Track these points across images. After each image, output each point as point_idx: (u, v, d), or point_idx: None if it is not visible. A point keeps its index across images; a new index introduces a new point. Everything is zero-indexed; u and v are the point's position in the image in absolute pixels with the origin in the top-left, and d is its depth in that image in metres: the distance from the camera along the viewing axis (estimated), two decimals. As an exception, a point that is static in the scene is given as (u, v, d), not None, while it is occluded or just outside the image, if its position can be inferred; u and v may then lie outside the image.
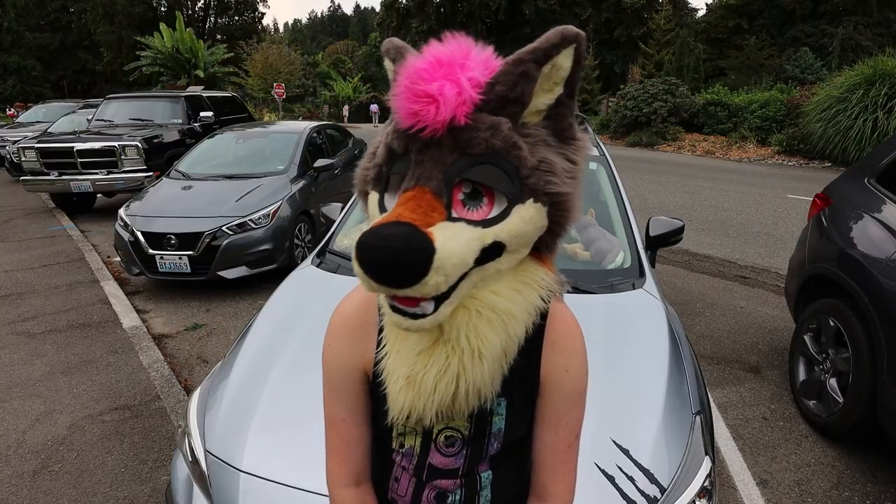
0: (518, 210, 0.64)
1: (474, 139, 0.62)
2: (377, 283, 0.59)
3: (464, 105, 0.61)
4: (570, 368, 0.78)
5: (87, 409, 3.10)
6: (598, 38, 28.45)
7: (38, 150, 7.62)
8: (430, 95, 0.60)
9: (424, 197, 0.62)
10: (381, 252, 0.57)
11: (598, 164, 3.05)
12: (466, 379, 0.69)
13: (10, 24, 33.40)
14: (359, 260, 0.59)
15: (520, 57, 0.64)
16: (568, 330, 0.78)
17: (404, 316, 0.64)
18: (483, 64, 0.64)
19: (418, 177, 0.63)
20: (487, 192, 0.64)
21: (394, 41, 0.74)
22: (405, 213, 0.60)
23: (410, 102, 0.62)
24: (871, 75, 12.20)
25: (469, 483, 0.80)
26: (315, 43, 71.78)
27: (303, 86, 33.75)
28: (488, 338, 0.68)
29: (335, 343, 0.83)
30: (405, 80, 0.62)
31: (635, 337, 1.89)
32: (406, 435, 0.80)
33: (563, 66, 0.65)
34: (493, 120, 0.63)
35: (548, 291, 0.73)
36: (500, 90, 0.64)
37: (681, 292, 4.77)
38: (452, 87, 0.61)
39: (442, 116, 0.60)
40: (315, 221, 5.56)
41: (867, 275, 2.58)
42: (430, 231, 0.59)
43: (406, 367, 0.71)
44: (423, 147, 0.63)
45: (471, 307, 0.68)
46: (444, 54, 0.63)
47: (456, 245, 0.60)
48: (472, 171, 0.63)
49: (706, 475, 1.45)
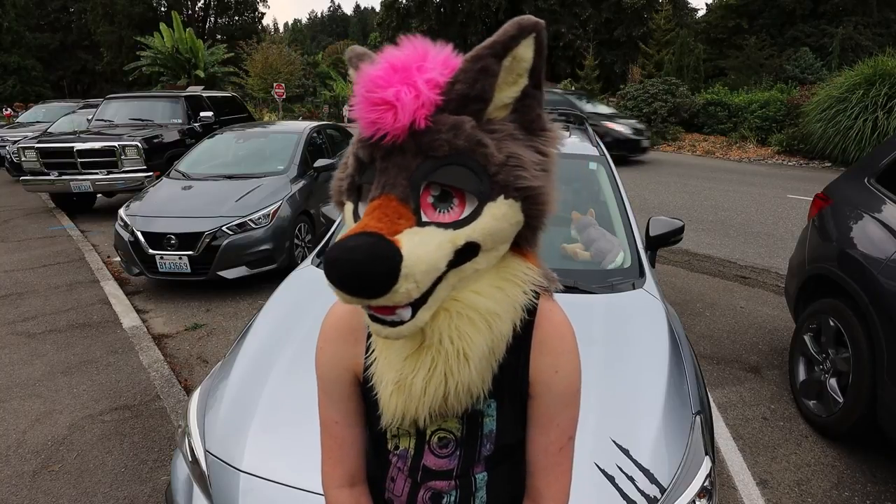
0: (490, 208, 0.64)
1: (436, 141, 0.61)
2: (348, 294, 0.59)
3: (423, 108, 0.60)
4: (560, 369, 0.76)
5: (87, 409, 3.10)
6: (598, 38, 28.43)
7: (38, 150, 7.62)
8: (387, 102, 0.60)
9: (390, 205, 0.61)
10: (346, 264, 0.57)
11: (598, 164, 3.05)
12: (455, 380, 0.68)
13: (10, 24, 33.38)
14: (326, 273, 0.58)
15: (478, 53, 0.63)
16: (556, 329, 0.77)
17: (383, 324, 0.64)
18: (441, 64, 0.63)
19: (383, 185, 0.63)
20: (458, 194, 0.63)
21: (356, 49, 0.73)
22: (371, 223, 0.59)
23: (368, 111, 0.61)
24: (871, 75, 12.19)
25: (464, 484, 0.80)
26: (315, 43, 71.77)
27: (303, 86, 33.71)
28: (472, 338, 0.67)
29: (326, 347, 0.83)
30: (361, 88, 0.62)
31: (635, 337, 1.89)
32: (400, 437, 0.80)
33: (525, 58, 0.64)
34: (454, 120, 0.62)
35: (532, 286, 0.73)
36: (460, 89, 0.63)
37: (681, 292, 4.77)
38: (409, 91, 0.60)
39: (400, 122, 0.60)
40: (315, 221, 5.56)
41: (867, 275, 2.58)
42: (397, 238, 0.58)
43: (394, 372, 0.71)
44: (386, 154, 0.63)
45: (451, 309, 0.67)
46: (398, 59, 0.62)
47: (424, 250, 0.59)
48: (437, 173, 0.62)
49: (706, 475, 1.45)
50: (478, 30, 29.12)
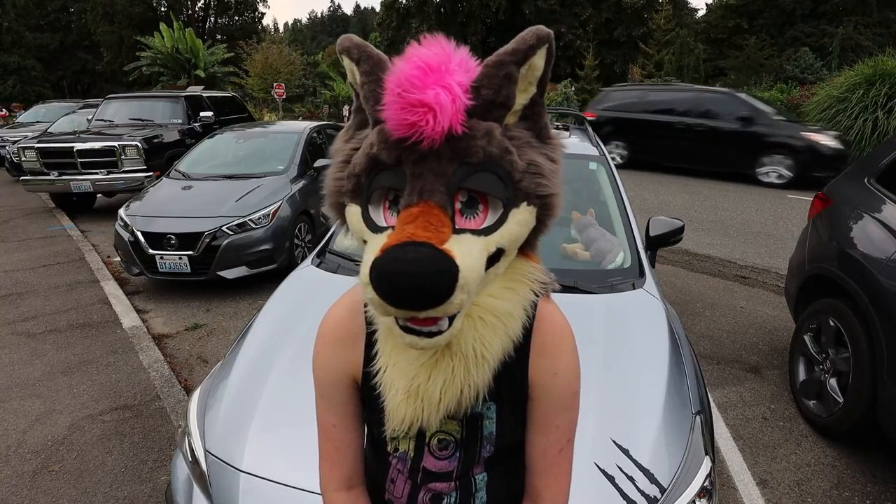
0: (514, 214, 0.64)
1: (472, 147, 0.61)
2: (397, 308, 0.58)
3: (458, 112, 0.59)
4: (559, 372, 0.76)
5: (87, 409, 3.10)
6: (598, 38, 28.42)
7: (38, 150, 7.62)
8: (426, 104, 0.58)
9: (432, 212, 0.60)
10: (410, 278, 0.55)
11: (598, 164, 3.05)
12: (471, 384, 0.69)
13: (10, 24, 33.36)
14: (381, 287, 0.57)
15: (501, 59, 0.63)
16: (556, 331, 0.77)
17: (419, 335, 0.63)
18: (464, 67, 0.63)
19: (420, 191, 0.61)
20: (482, 199, 0.64)
21: (353, 38, 0.70)
22: (418, 233, 0.58)
23: (405, 113, 0.59)
24: (871, 75, 12.18)
25: (464, 485, 0.80)
26: (315, 43, 71.75)
27: (303, 86, 33.70)
28: (491, 342, 0.68)
29: (323, 350, 0.83)
30: (396, 87, 0.60)
31: (635, 337, 1.89)
32: (399, 439, 0.80)
33: (538, 67, 0.64)
34: (486, 126, 0.62)
35: (539, 284, 0.74)
36: (486, 94, 0.63)
37: (681, 292, 4.77)
38: (447, 94, 0.58)
39: (441, 126, 0.58)
40: (315, 221, 5.56)
41: (867, 275, 2.58)
42: (448, 249, 0.58)
43: (406, 380, 0.71)
44: (419, 159, 0.61)
45: (473, 314, 0.68)
46: (431, 59, 0.60)
47: (473, 260, 0.60)
48: (470, 179, 0.62)
49: (706, 475, 1.45)
50: (478, 30, 29.11)
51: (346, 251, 2.49)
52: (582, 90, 23.56)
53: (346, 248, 2.53)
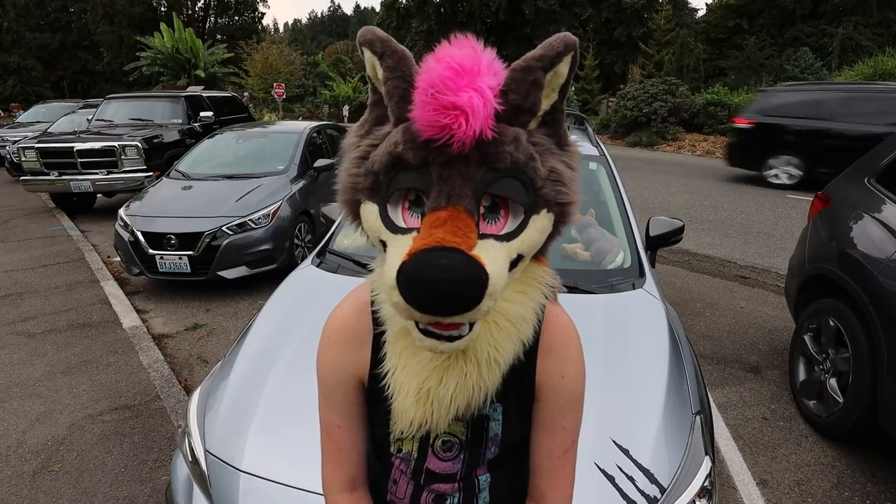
0: (534, 221, 0.64)
1: (501, 153, 0.60)
2: (424, 313, 0.57)
3: (489, 117, 0.59)
4: (566, 373, 0.77)
5: (87, 409, 3.10)
6: (598, 38, 28.41)
7: (38, 150, 7.62)
8: (459, 107, 0.57)
9: (460, 217, 0.59)
10: (444, 285, 0.55)
11: (598, 164, 3.05)
12: (482, 387, 0.69)
13: (10, 24, 33.36)
14: (410, 292, 0.56)
15: (529, 64, 0.62)
16: (564, 334, 0.78)
17: (439, 339, 0.62)
18: (492, 70, 0.62)
19: (448, 194, 0.60)
20: (503, 205, 0.63)
21: (376, 31, 0.68)
22: (447, 238, 0.57)
23: (437, 114, 0.58)
24: (871, 75, 12.21)
25: (467, 486, 0.80)
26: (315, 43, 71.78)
27: (303, 86, 33.73)
28: (504, 345, 0.69)
29: (328, 351, 0.82)
30: (429, 88, 0.58)
31: (635, 337, 1.89)
32: (403, 440, 0.80)
33: (563, 73, 0.64)
34: (514, 132, 0.62)
35: (549, 288, 0.74)
36: (513, 99, 0.62)
37: (681, 292, 4.77)
38: (479, 97, 0.57)
39: (472, 130, 0.57)
40: (315, 221, 5.56)
41: (867, 275, 2.58)
42: (477, 255, 0.57)
43: (417, 382, 0.71)
44: (447, 161, 0.60)
45: (489, 319, 0.68)
46: (464, 60, 0.59)
47: (499, 266, 0.60)
48: (496, 185, 0.62)
49: (706, 475, 1.45)
50: (478, 30, 29.10)
51: (346, 251, 2.49)
52: (582, 90, 23.57)
53: (346, 248, 2.53)
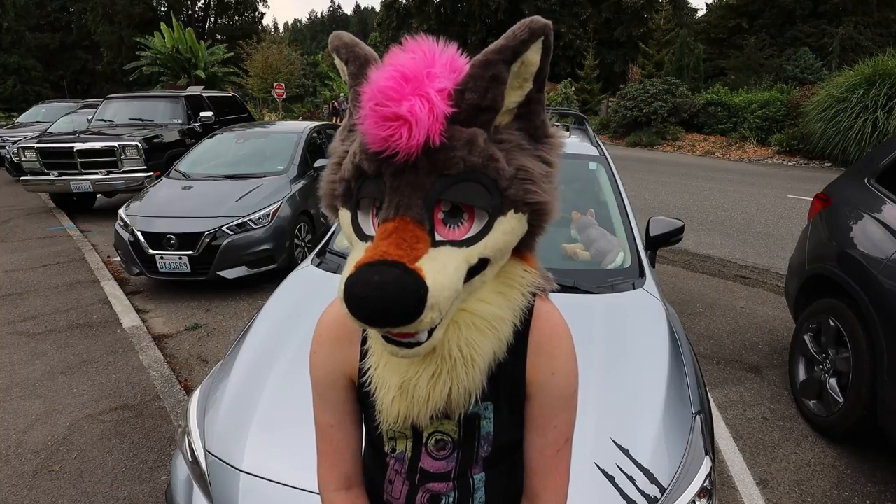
0: (500, 223, 0.62)
1: (451, 159, 0.58)
2: (370, 326, 0.58)
3: (437, 122, 0.56)
4: (557, 371, 0.76)
5: (87, 409, 3.10)
6: (598, 37, 28.43)
7: (38, 150, 7.62)
8: (401, 117, 0.55)
9: (407, 228, 0.59)
10: (374, 301, 0.55)
11: (598, 164, 3.05)
12: (461, 385, 0.68)
13: (10, 24, 33.35)
14: (350, 309, 0.56)
15: (488, 58, 0.59)
16: (553, 331, 0.76)
17: (398, 346, 0.63)
18: (449, 67, 0.60)
19: (397, 205, 0.59)
20: (467, 208, 0.61)
21: (342, 37, 0.68)
22: (390, 251, 0.57)
23: (379, 127, 0.56)
24: (871, 75, 12.20)
25: (462, 486, 0.80)
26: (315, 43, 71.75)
27: (303, 86, 33.73)
28: (480, 345, 0.68)
29: (320, 350, 0.82)
30: (370, 100, 0.57)
31: (635, 337, 1.89)
32: (397, 440, 0.80)
33: (532, 62, 0.60)
34: (468, 134, 0.59)
35: (531, 288, 0.72)
36: (470, 98, 0.59)
37: (681, 292, 4.77)
38: (423, 104, 0.56)
39: (416, 139, 0.56)
40: (315, 221, 5.56)
41: (867, 275, 2.58)
42: (419, 267, 0.56)
43: (397, 377, 0.71)
44: (397, 171, 0.59)
45: (460, 320, 0.67)
46: (409, 67, 0.57)
47: (446, 277, 0.58)
48: (451, 191, 0.60)
49: (706, 475, 1.45)
50: (477, 30, 29.11)
51: (345, 251, 2.48)
52: (582, 90, 23.58)
53: (345, 248, 2.53)
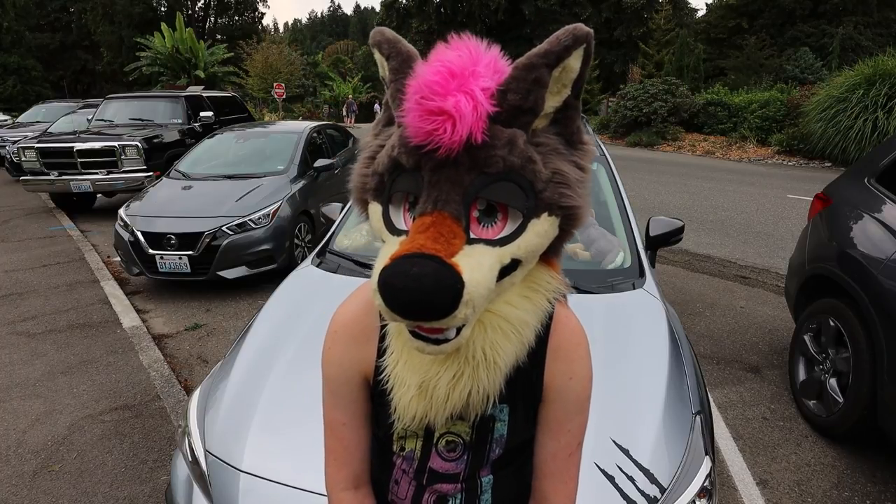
0: (533, 225, 0.63)
1: (492, 157, 0.59)
2: (403, 318, 0.58)
3: (480, 120, 0.57)
4: (574, 376, 0.76)
5: (87, 409, 3.10)
6: (598, 38, 28.25)
7: (38, 150, 7.62)
8: (445, 112, 0.56)
9: (445, 223, 0.59)
10: (412, 293, 0.55)
11: (598, 164, 3.05)
12: (479, 386, 0.69)
13: (10, 24, 33.34)
14: (385, 300, 0.57)
15: (532, 61, 0.60)
16: (572, 336, 0.77)
17: (426, 342, 0.63)
18: (492, 68, 0.60)
19: (435, 200, 0.60)
20: (501, 208, 0.62)
21: (385, 32, 0.69)
22: (428, 244, 0.57)
23: (424, 120, 0.57)
24: (871, 75, 12.20)
25: (469, 487, 0.80)
26: (315, 43, 71.77)
27: (303, 86, 33.76)
28: (504, 347, 0.68)
29: (335, 348, 0.81)
30: (416, 94, 0.58)
31: (635, 337, 1.89)
32: (407, 439, 0.79)
33: (573, 68, 0.61)
34: (509, 134, 0.60)
35: (556, 294, 0.73)
36: (512, 99, 0.60)
37: (681, 292, 4.77)
38: (468, 101, 0.56)
39: (459, 135, 0.57)
40: (315, 221, 5.56)
41: (867, 275, 2.58)
42: (456, 262, 0.57)
43: (417, 376, 0.71)
44: (437, 166, 0.60)
45: (486, 321, 0.67)
46: (455, 63, 0.58)
47: (481, 275, 0.58)
48: (488, 189, 0.60)
49: (706, 475, 1.45)
50: (478, 30, 29.09)
51: (345, 251, 2.49)
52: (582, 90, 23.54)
53: (346, 247, 2.53)
